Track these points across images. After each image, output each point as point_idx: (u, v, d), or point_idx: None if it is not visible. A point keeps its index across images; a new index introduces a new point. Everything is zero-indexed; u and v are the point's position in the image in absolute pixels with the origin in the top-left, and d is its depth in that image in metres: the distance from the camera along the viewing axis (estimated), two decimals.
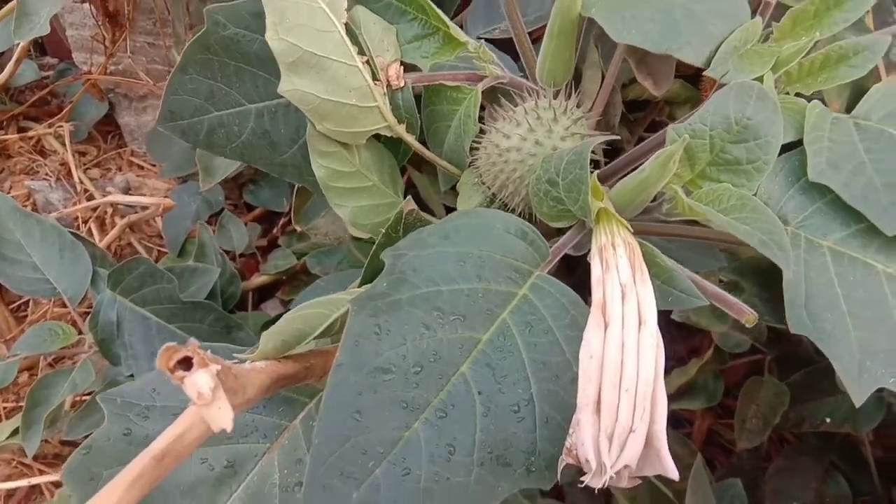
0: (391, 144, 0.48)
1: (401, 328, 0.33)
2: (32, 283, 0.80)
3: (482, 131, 0.45)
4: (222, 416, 0.26)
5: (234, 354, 0.35)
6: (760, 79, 0.38)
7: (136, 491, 0.26)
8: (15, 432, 0.78)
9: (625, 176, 0.43)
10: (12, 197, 1.10)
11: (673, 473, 0.30)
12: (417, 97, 0.47)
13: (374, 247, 0.42)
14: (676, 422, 0.88)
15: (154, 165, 1.16)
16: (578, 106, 0.44)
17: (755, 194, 0.36)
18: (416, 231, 0.37)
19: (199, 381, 0.25)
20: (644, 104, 0.71)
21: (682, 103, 0.68)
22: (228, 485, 0.40)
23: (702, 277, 0.42)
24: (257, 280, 0.99)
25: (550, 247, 0.39)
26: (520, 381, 0.34)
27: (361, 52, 0.44)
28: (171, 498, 0.39)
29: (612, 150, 0.73)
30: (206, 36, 0.45)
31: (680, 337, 0.84)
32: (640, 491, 0.65)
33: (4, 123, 1.17)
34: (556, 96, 0.45)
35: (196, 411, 0.27)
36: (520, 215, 0.44)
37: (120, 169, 1.18)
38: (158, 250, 1.09)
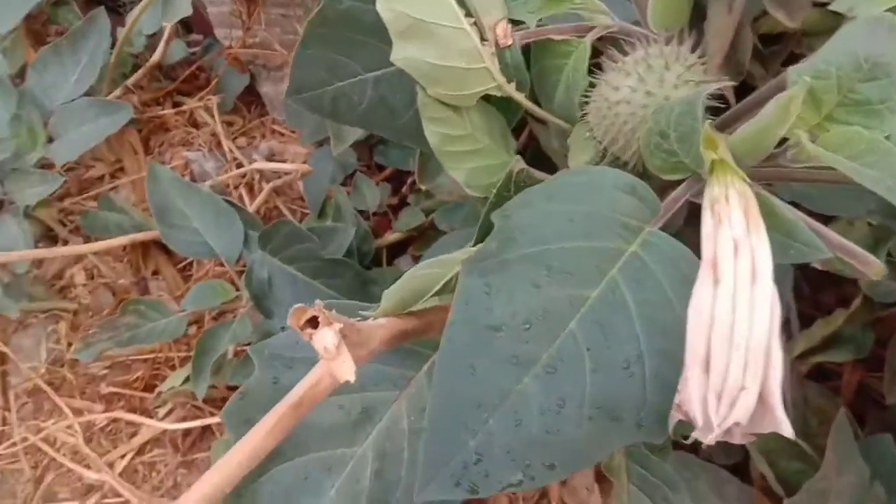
0: (501, 104, 0.48)
1: (510, 287, 0.35)
2: (194, 245, 0.89)
3: (592, 84, 0.44)
4: (346, 369, 0.29)
5: (360, 312, 0.38)
6: (894, 10, 0.35)
7: (277, 433, 0.30)
8: (187, 379, 0.88)
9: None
10: (173, 167, 1.22)
11: (788, 431, 0.29)
12: (526, 55, 0.47)
13: (486, 207, 0.43)
14: (823, 374, 0.83)
15: (293, 132, 1.24)
16: (695, 50, 0.43)
17: (888, 137, 0.33)
18: (524, 192, 0.38)
19: (325, 337, 0.28)
20: (779, 37, 0.66)
21: (824, 34, 0.62)
22: (363, 427, 0.44)
23: (849, 222, 0.39)
24: (390, 237, 1.04)
25: (663, 201, 0.38)
26: (629, 337, 0.34)
27: (469, 14, 0.44)
28: (315, 438, 0.44)
29: (746, 89, 0.68)
30: (324, 10, 0.47)
31: (826, 286, 0.79)
32: (776, 444, 0.63)
33: (161, 100, 1.29)
34: (669, 41, 0.44)
35: (324, 364, 0.30)
36: (633, 169, 0.44)
37: (263, 136, 1.26)
38: (301, 211, 1.16)
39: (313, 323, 0.29)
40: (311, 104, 0.52)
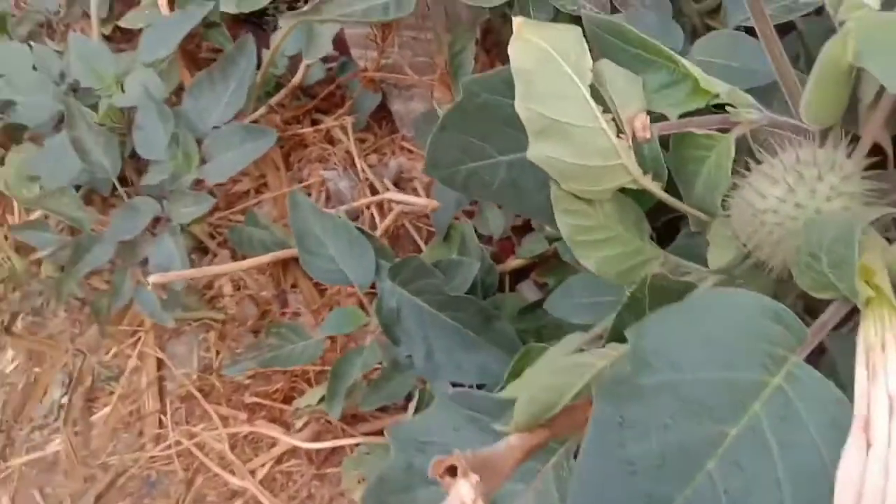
0: (636, 193, 0.47)
1: (643, 419, 0.34)
2: (330, 273, 0.94)
3: (735, 184, 0.43)
4: None
5: (495, 427, 0.39)
6: None
7: None
8: (322, 399, 0.94)
9: None
10: (310, 184, 1.29)
11: None
12: (663, 142, 0.46)
13: (620, 308, 0.43)
14: None
15: (422, 150, 1.27)
16: (850, 155, 0.40)
17: None
18: (662, 310, 0.37)
19: (462, 490, 0.30)
20: None
21: None
22: None
23: None
24: (513, 263, 1.05)
25: (809, 325, 0.37)
26: (771, 483, 0.33)
27: (606, 110, 0.44)
28: None
29: None
30: (462, 103, 0.48)
31: None
32: None
33: (301, 117, 1.36)
34: (824, 137, 0.41)
35: None
36: (777, 277, 0.42)
37: (393, 153, 1.31)
38: (427, 229, 1.20)
39: (452, 471, 0.30)
40: (445, 179, 0.54)
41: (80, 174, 1.10)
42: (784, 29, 0.64)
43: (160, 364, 1.13)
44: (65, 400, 1.14)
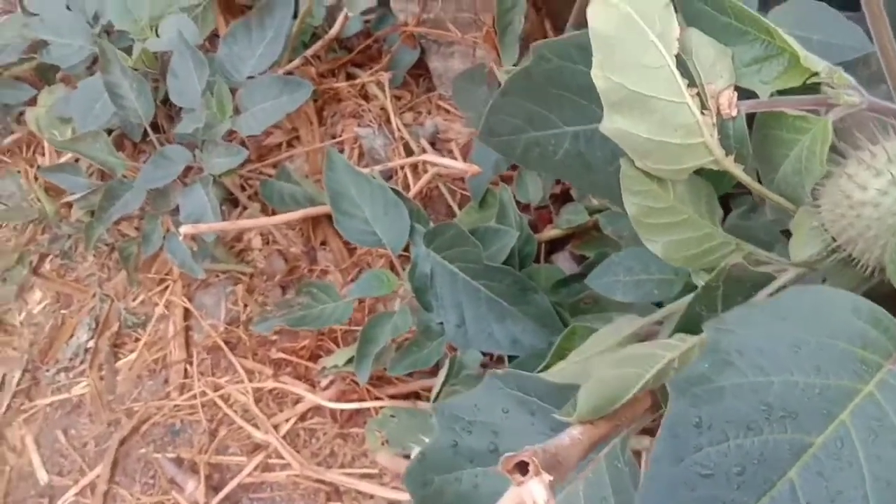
0: (713, 175, 0.44)
1: (723, 423, 0.32)
2: (364, 234, 0.92)
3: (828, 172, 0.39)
4: None
5: (554, 415, 0.37)
6: None
7: None
8: (350, 360, 0.93)
9: None
10: (343, 140, 1.26)
11: None
12: (749, 120, 0.43)
13: (692, 297, 0.41)
14: None
15: (459, 110, 1.23)
16: None
17: None
18: (744, 306, 0.35)
19: (535, 491, 0.28)
20: None
21: None
22: None
23: None
24: (549, 233, 1.02)
25: None
26: (857, 498, 0.31)
27: (691, 84, 0.41)
28: None
29: None
30: (530, 68, 0.45)
31: None
32: None
33: (336, 71, 1.32)
34: None
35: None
36: (871, 273, 0.39)
37: (429, 112, 1.27)
38: (462, 193, 1.17)
39: (522, 468, 0.29)
40: (501, 148, 0.51)
41: (112, 118, 1.08)
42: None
43: (187, 314, 1.12)
44: (91, 344, 1.14)
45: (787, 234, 0.45)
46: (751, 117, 0.44)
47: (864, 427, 0.32)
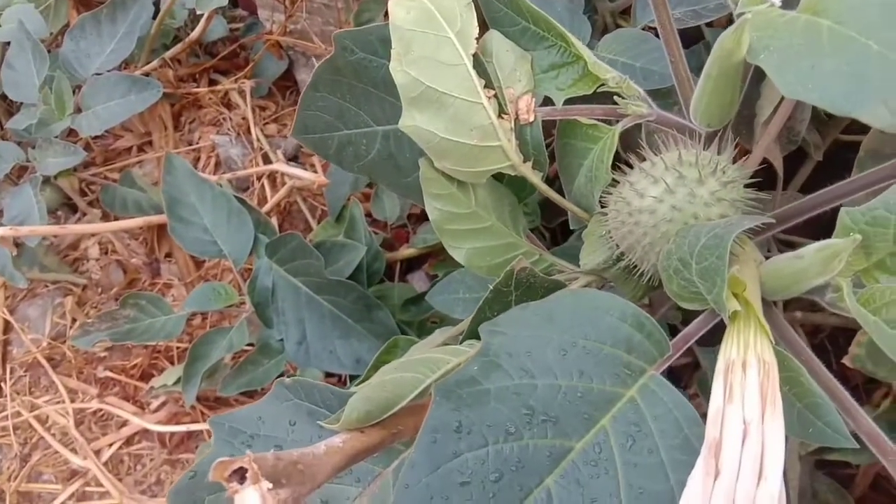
0: (513, 181, 0.44)
1: (483, 427, 0.31)
2: (203, 244, 0.87)
3: (616, 180, 0.40)
4: None
5: (318, 422, 0.35)
6: None
7: None
8: (179, 380, 0.86)
9: (810, 218, 0.36)
10: (199, 147, 1.20)
11: None
12: (547, 129, 0.43)
13: (481, 302, 0.39)
14: (836, 463, 0.78)
15: None
16: (735, 160, 0.38)
17: None
18: (519, 307, 0.34)
19: (248, 499, 0.25)
20: None
21: None
22: None
23: None
24: (405, 252, 1.00)
25: (673, 337, 0.34)
26: None
27: (489, 86, 0.40)
28: None
29: (801, 155, 0.62)
30: (334, 58, 0.43)
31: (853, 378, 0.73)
32: None
33: (197, 76, 1.26)
34: (711, 139, 0.39)
35: None
36: (648, 282, 0.39)
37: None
38: (321, 209, 1.13)
39: (241, 475, 0.26)
40: (316, 146, 0.49)
41: None
42: (692, 39, 0.63)
43: (7, 326, 1.01)
44: None
45: None
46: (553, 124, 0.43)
47: (622, 433, 0.31)
